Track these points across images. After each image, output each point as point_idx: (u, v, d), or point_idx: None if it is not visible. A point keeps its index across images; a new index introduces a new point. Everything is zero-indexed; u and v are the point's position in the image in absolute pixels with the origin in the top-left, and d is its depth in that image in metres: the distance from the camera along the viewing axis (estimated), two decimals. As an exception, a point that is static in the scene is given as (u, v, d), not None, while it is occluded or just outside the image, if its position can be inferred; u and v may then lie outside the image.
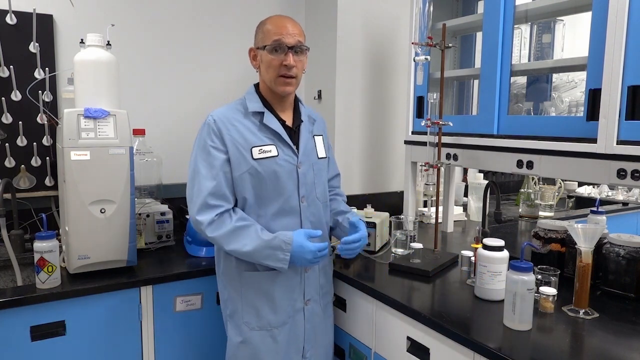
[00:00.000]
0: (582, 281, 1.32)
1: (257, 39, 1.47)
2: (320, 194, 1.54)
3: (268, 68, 1.43)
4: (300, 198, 1.47)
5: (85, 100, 1.56)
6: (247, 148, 1.40)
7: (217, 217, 1.38)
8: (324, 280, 1.58)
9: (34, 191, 1.95)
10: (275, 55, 1.41)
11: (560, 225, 1.61)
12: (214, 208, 1.38)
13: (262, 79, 1.49)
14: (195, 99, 2.33)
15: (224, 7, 2.35)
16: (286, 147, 1.45)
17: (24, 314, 1.43)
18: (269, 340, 1.45)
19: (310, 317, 1.53)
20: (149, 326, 1.63)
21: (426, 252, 1.78)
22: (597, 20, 1.36)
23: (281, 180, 1.43)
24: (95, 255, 1.56)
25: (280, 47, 1.40)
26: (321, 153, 1.56)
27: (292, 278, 1.47)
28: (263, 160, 1.41)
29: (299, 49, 1.43)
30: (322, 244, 1.39)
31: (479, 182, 2.52)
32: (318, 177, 1.53)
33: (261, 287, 1.45)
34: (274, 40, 1.40)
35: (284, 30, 1.40)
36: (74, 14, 2.01)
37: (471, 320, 1.29)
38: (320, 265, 1.55)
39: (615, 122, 1.30)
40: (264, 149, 1.41)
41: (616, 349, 1.14)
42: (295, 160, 1.46)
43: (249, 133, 1.42)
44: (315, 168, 1.51)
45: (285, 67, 1.41)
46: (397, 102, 2.54)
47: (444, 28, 1.82)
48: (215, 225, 1.37)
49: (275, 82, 1.43)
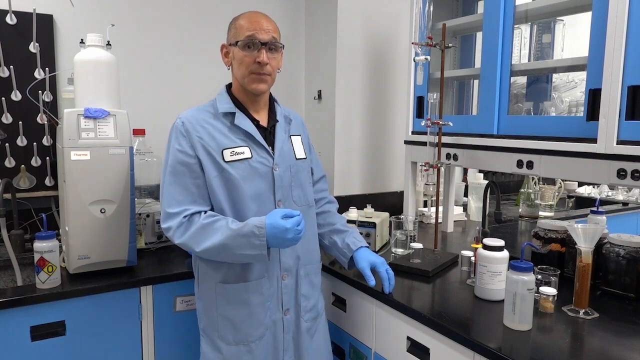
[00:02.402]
0: (582, 281, 1.31)
1: (230, 35, 1.39)
2: (298, 197, 1.44)
3: (240, 65, 1.35)
4: (277, 202, 1.38)
5: (85, 100, 1.56)
6: (218, 150, 1.33)
7: (185, 220, 1.30)
8: (307, 290, 1.46)
9: (34, 191, 1.95)
10: (247, 52, 1.33)
11: (560, 225, 1.61)
12: (179, 212, 1.31)
13: (234, 77, 1.42)
14: (195, 99, 2.31)
15: (223, 7, 2.35)
16: (260, 148, 1.37)
17: (24, 314, 1.43)
18: (246, 355, 1.36)
19: (290, 327, 1.43)
20: (149, 326, 1.63)
21: (426, 252, 1.78)
22: (597, 20, 1.36)
23: (255, 183, 1.35)
24: (95, 255, 1.56)
25: (254, 43, 1.33)
26: (299, 154, 1.47)
27: (268, 287, 1.38)
28: (235, 163, 1.33)
29: (273, 45, 1.36)
30: (296, 219, 1.27)
31: (479, 182, 2.52)
32: (296, 179, 1.43)
33: (236, 299, 1.36)
34: (247, 36, 1.32)
35: (258, 25, 1.33)
36: (74, 14, 2.01)
37: (471, 320, 1.29)
38: (302, 273, 1.45)
39: (615, 122, 1.30)
40: (236, 151, 1.34)
41: (616, 349, 1.14)
42: (271, 162, 1.38)
43: (219, 135, 1.34)
44: (292, 170, 1.42)
45: (258, 65, 1.33)
46: (397, 102, 2.54)
47: (444, 28, 1.82)
48: (182, 229, 1.30)
49: (247, 80, 1.36)
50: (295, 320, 1.45)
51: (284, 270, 1.41)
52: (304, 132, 1.58)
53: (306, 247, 1.46)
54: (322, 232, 1.60)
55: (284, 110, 1.51)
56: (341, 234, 1.58)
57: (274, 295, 1.40)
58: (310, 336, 1.48)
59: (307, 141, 1.58)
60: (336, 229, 1.60)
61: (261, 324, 1.38)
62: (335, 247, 1.57)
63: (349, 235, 1.57)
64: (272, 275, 1.39)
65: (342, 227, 1.60)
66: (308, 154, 1.53)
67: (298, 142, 1.50)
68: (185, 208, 1.32)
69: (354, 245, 1.53)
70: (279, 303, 1.41)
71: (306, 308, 1.46)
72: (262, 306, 1.38)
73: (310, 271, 1.48)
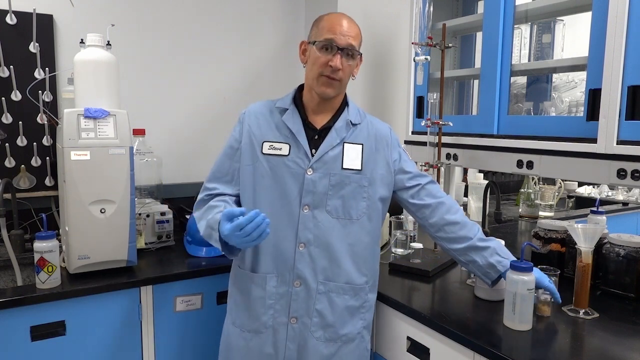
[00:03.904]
0: (582, 281, 1.32)
1: (311, 33, 1.38)
2: (335, 208, 1.33)
3: (313, 65, 1.34)
4: (302, 206, 1.32)
5: (85, 100, 1.56)
6: (259, 141, 1.37)
7: (208, 198, 1.38)
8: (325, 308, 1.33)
9: (34, 191, 1.95)
10: (322, 54, 1.32)
11: (560, 225, 1.61)
12: (210, 189, 1.40)
13: (306, 75, 1.40)
14: (195, 99, 2.32)
15: (224, 7, 2.35)
16: (299, 148, 1.34)
17: (24, 314, 1.42)
18: (241, 342, 1.38)
19: (296, 338, 1.34)
20: (149, 326, 1.63)
21: (426, 252, 1.78)
22: (597, 20, 1.36)
23: (284, 181, 1.33)
24: (95, 255, 1.56)
25: (331, 46, 1.31)
26: (349, 164, 1.35)
27: (274, 286, 1.34)
28: (270, 157, 1.35)
29: (350, 52, 1.33)
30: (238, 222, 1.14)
31: (479, 182, 2.52)
32: (336, 190, 1.33)
33: (242, 285, 1.39)
34: (326, 38, 1.31)
35: (339, 29, 1.32)
36: (74, 14, 2.01)
37: (471, 320, 1.30)
38: (322, 288, 1.33)
39: (615, 122, 1.30)
40: (275, 146, 1.35)
41: (616, 349, 1.14)
42: (306, 164, 1.33)
43: (267, 127, 1.38)
44: (333, 179, 1.33)
45: (330, 68, 1.31)
46: (397, 102, 2.54)
47: (444, 28, 1.82)
48: (201, 204, 1.38)
49: (316, 81, 1.34)
50: (304, 333, 1.34)
51: (296, 276, 1.33)
52: (382, 146, 1.41)
53: (331, 262, 1.34)
54: (454, 248, 1.38)
55: (354, 117, 1.40)
56: (481, 251, 1.35)
57: (282, 297, 1.34)
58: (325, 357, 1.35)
59: (385, 156, 1.40)
60: (473, 245, 1.36)
61: (257, 319, 1.35)
62: (476, 265, 1.36)
63: (492, 254, 1.34)
64: (283, 276, 1.34)
65: (479, 244, 1.36)
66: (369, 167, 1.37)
67: (354, 151, 1.37)
68: (216, 186, 1.40)
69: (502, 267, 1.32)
70: (287, 308, 1.34)
71: (320, 325, 1.34)
72: (262, 302, 1.34)
73: (333, 289, 1.34)
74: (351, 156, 1.37)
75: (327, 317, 1.34)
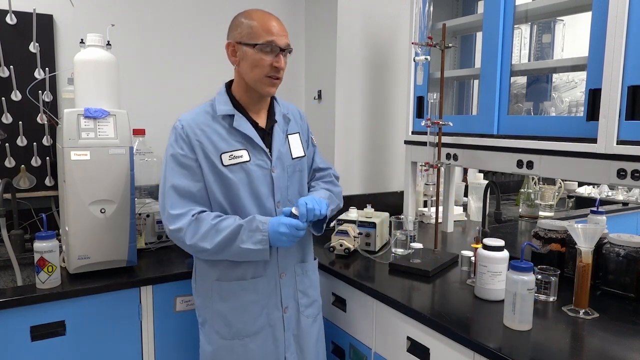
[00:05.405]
0: (582, 281, 1.31)
1: (242, 33, 1.35)
2: (294, 195, 1.46)
3: (254, 67, 1.35)
4: (276, 203, 1.41)
5: (85, 100, 1.56)
6: (217, 155, 1.34)
7: (194, 218, 1.31)
8: (305, 286, 1.49)
9: (34, 191, 1.95)
10: (265, 55, 1.34)
11: (560, 225, 1.61)
12: (186, 213, 1.31)
13: (241, 76, 1.40)
14: (195, 99, 2.30)
15: (224, 7, 2.35)
16: (258, 151, 1.38)
17: (24, 314, 1.43)
18: (239, 349, 1.39)
19: (290, 325, 1.45)
20: (149, 326, 1.63)
21: (426, 252, 1.78)
22: (597, 20, 1.36)
23: (254, 185, 1.37)
24: (95, 255, 1.56)
25: (272, 48, 1.34)
26: (296, 152, 1.48)
27: (264, 286, 1.40)
28: (234, 167, 1.35)
29: (289, 50, 1.39)
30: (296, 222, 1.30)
31: (479, 182, 2.52)
32: (291, 179, 1.45)
33: (230, 296, 1.38)
34: (267, 40, 1.33)
35: (275, 29, 1.35)
36: (74, 14, 2.01)
37: (471, 320, 1.29)
38: (299, 270, 1.48)
39: (615, 122, 1.30)
40: (235, 155, 1.35)
41: (616, 349, 1.14)
42: (269, 164, 1.39)
43: (218, 138, 1.35)
44: (289, 170, 1.44)
45: (275, 69, 1.36)
46: (397, 102, 2.54)
47: (444, 28, 1.82)
48: (192, 228, 1.30)
49: (261, 82, 1.37)
50: (296, 317, 1.47)
51: (281, 269, 1.43)
52: (303, 126, 1.57)
53: (302, 245, 1.48)
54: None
55: (283, 108, 1.51)
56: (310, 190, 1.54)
57: (272, 293, 1.42)
58: (312, 332, 1.50)
59: (307, 135, 1.58)
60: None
61: (256, 320, 1.40)
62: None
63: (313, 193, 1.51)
64: (269, 274, 1.41)
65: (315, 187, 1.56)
66: (306, 149, 1.53)
67: (296, 141, 1.50)
68: (190, 208, 1.33)
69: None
70: (278, 301, 1.43)
71: (306, 304, 1.49)
72: (257, 304, 1.40)
73: (308, 268, 1.51)
74: (295, 145, 1.49)
75: (309, 295, 1.50)
